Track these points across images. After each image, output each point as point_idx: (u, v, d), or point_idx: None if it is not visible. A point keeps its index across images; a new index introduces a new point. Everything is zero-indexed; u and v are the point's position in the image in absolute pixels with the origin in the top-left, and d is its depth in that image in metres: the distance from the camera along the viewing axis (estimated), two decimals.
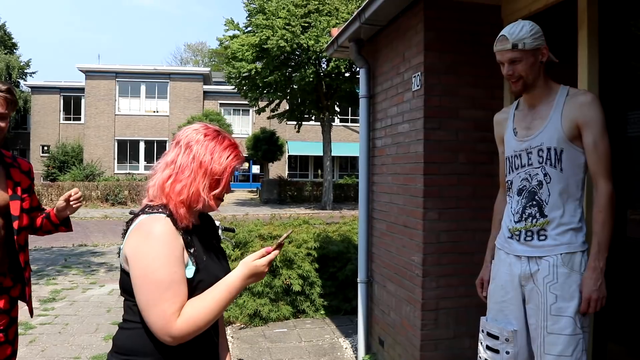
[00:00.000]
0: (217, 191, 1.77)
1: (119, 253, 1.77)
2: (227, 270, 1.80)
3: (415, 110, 3.98)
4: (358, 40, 5.00)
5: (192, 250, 1.72)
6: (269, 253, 1.71)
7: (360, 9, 4.40)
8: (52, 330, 5.96)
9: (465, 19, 3.87)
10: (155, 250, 1.62)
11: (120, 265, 1.73)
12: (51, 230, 3.03)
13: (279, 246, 1.75)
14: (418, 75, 3.90)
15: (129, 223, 1.74)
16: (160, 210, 1.70)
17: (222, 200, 1.84)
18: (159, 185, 1.74)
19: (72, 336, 5.76)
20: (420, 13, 3.86)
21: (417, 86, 3.92)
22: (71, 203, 2.95)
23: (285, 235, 1.78)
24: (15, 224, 2.69)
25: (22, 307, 2.91)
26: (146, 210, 1.72)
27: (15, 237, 2.70)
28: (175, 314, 1.59)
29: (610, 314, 2.44)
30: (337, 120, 34.63)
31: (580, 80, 3.02)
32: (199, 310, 1.62)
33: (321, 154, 26.61)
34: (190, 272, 1.69)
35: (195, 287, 1.69)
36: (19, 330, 2.87)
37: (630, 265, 2.72)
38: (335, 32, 5.42)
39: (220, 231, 4.83)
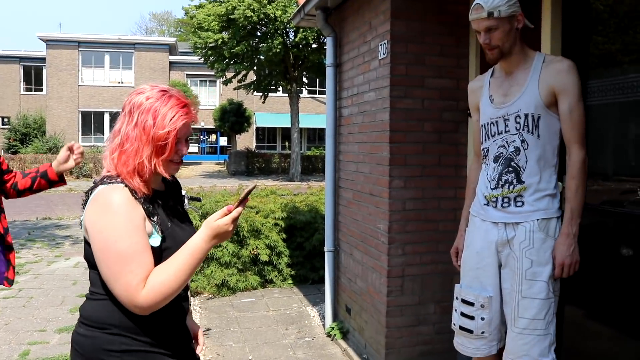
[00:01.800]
0: (164, 156, 1.69)
1: (80, 224, 1.72)
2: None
3: (381, 79, 3.98)
4: (325, 8, 4.95)
5: (155, 219, 1.68)
6: (230, 211, 1.63)
7: None
8: (15, 304, 5.86)
9: None
10: (114, 221, 1.58)
11: (84, 236, 1.69)
12: (45, 188, 2.96)
13: (242, 202, 1.65)
14: (385, 43, 3.89)
15: (88, 193, 1.70)
16: (118, 180, 1.66)
17: (179, 163, 1.78)
18: (108, 157, 1.70)
19: (37, 309, 5.69)
20: None
21: (384, 54, 3.91)
22: (74, 157, 2.86)
23: (246, 191, 1.67)
24: None
25: None
26: (104, 180, 1.67)
27: None
28: (140, 285, 1.56)
29: (568, 278, 2.51)
30: (305, 92, 34.44)
31: (543, 48, 3.05)
32: (165, 278, 1.59)
33: (289, 125, 26.51)
34: (155, 240, 1.66)
35: (162, 255, 1.67)
36: None
37: (587, 231, 2.78)
38: (301, 0, 5.35)
39: (186, 200, 4.79)
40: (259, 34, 22.56)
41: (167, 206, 1.80)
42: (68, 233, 10.70)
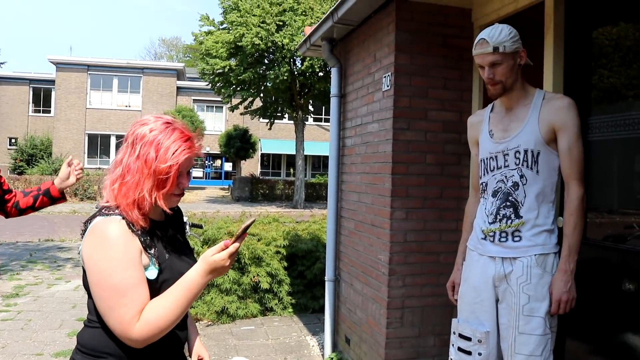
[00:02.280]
0: (165, 190, 1.68)
1: (79, 252, 1.72)
2: None
3: (384, 110, 4.01)
4: (331, 39, 5.02)
5: (152, 251, 1.68)
6: (227, 246, 1.62)
7: (333, 8, 4.42)
8: (14, 326, 5.85)
9: (437, 22, 3.91)
10: (109, 254, 1.58)
11: (82, 265, 1.69)
12: (47, 205, 3.03)
13: (239, 238, 1.64)
14: (388, 75, 3.93)
15: (86, 223, 1.70)
16: (117, 211, 1.66)
17: (180, 195, 1.77)
18: (109, 187, 1.70)
19: (35, 332, 5.67)
20: (392, 14, 3.89)
21: (387, 86, 3.95)
22: (74, 172, 2.95)
23: (244, 225, 1.63)
24: None
25: None
26: (102, 211, 1.67)
27: None
28: (134, 318, 1.56)
29: (570, 313, 2.50)
30: (310, 120, 34.65)
31: (545, 84, 3.08)
32: (159, 312, 1.58)
33: (294, 152, 26.59)
34: (152, 273, 1.66)
35: (160, 287, 1.66)
36: None
37: (588, 266, 2.78)
38: (308, 30, 5.43)
39: (187, 227, 4.81)
40: (266, 61, 22.79)
41: (166, 237, 1.79)
42: (70, 255, 10.69)
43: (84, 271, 1.67)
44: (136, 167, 1.66)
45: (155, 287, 1.65)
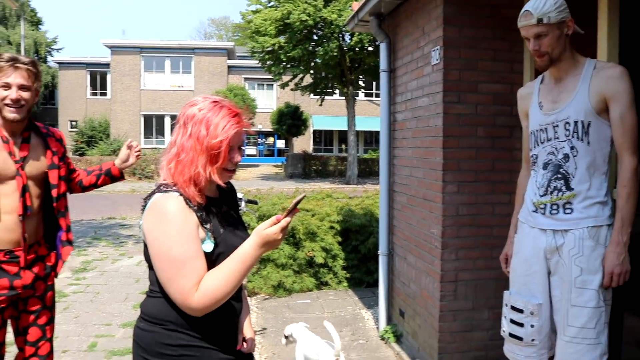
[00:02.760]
0: (218, 164, 1.77)
1: (140, 227, 1.84)
2: None
3: (434, 84, 4.00)
4: (378, 14, 5.01)
5: (207, 226, 1.77)
6: (279, 221, 1.69)
7: None
8: (84, 298, 6.20)
9: None
10: (168, 229, 1.69)
11: (143, 239, 1.80)
12: (107, 183, 3.25)
13: (290, 212, 1.71)
14: (437, 49, 3.92)
15: (146, 199, 1.80)
16: (174, 188, 1.75)
17: (233, 170, 1.85)
18: (165, 167, 1.80)
19: (103, 304, 6.00)
20: None
21: (437, 60, 3.93)
22: (134, 154, 3.16)
23: (295, 200, 1.72)
24: (54, 192, 2.82)
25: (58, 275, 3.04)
26: (161, 188, 1.77)
27: (54, 204, 2.83)
28: (193, 289, 1.66)
29: (626, 285, 2.47)
30: (361, 95, 34.48)
31: (599, 52, 3.01)
32: (216, 282, 1.67)
33: (346, 128, 26.57)
34: (208, 246, 1.75)
35: (215, 259, 1.76)
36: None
37: None
38: (356, 6, 5.42)
39: (243, 203, 4.95)
40: (315, 37, 22.76)
41: (220, 212, 1.88)
42: (131, 232, 11.11)
43: (145, 245, 1.79)
44: (189, 145, 1.76)
45: (211, 260, 1.75)
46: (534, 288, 2.67)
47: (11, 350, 2.98)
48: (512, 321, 2.75)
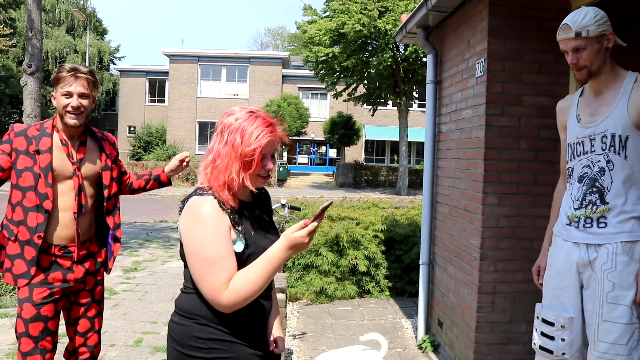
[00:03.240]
0: (251, 171, 1.86)
1: (177, 228, 1.97)
2: None
3: (478, 96, 4.02)
4: (426, 26, 5.06)
5: (239, 228, 1.88)
6: (307, 225, 1.78)
7: None
8: (133, 296, 6.43)
9: (531, 5, 3.86)
10: (202, 229, 1.80)
11: (179, 238, 1.92)
12: (156, 188, 3.45)
13: (318, 217, 1.79)
14: (482, 61, 3.94)
15: (183, 202, 1.92)
16: (210, 192, 1.87)
17: (266, 177, 1.94)
18: (202, 171, 1.92)
19: (151, 303, 6.22)
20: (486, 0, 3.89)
21: (481, 72, 3.96)
22: (184, 164, 3.35)
23: (322, 207, 1.78)
24: (106, 192, 3.01)
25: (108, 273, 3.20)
26: (197, 191, 1.89)
27: (105, 203, 3.02)
28: (224, 286, 1.77)
29: None
30: (414, 106, 34.29)
31: None
32: (245, 281, 1.77)
33: (398, 139, 26.50)
34: (239, 247, 1.85)
35: (246, 260, 1.86)
36: (104, 295, 3.20)
37: None
38: (404, 18, 5.48)
39: (286, 209, 5.07)
40: (369, 48, 22.86)
41: (252, 216, 1.98)
42: None
43: (181, 243, 1.90)
44: (225, 152, 1.87)
45: (242, 260, 1.85)
46: (566, 301, 2.66)
47: (63, 342, 3.16)
48: (543, 334, 2.75)
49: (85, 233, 2.97)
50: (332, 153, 40.29)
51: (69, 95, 2.81)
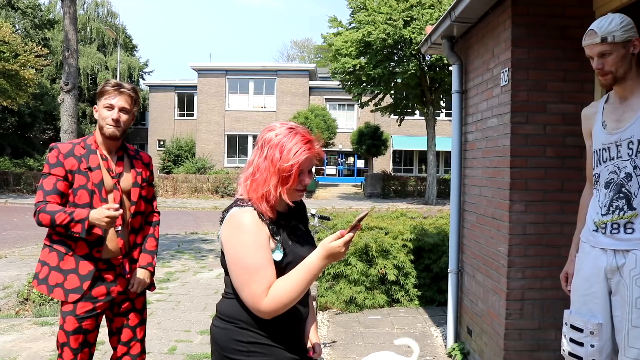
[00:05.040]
0: (288, 185, 1.94)
1: (218, 237, 2.08)
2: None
3: (503, 105, 4.07)
4: (450, 37, 5.12)
5: (278, 238, 1.97)
6: (343, 235, 1.86)
7: (450, 7, 4.53)
8: (166, 306, 6.57)
9: (554, 14, 3.90)
10: (243, 239, 1.89)
11: (220, 248, 2.02)
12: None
13: (354, 228, 1.88)
14: (506, 70, 3.99)
15: (224, 212, 2.02)
16: (248, 203, 1.96)
17: (302, 191, 2.03)
18: (242, 183, 2.01)
19: (184, 312, 6.34)
20: (508, 9, 3.93)
21: (505, 82, 4.00)
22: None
23: (358, 217, 1.88)
24: (132, 209, 3.08)
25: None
26: (237, 203, 1.99)
27: (129, 219, 3.08)
28: (263, 293, 1.86)
29: None
30: (442, 115, 34.17)
31: None
32: (284, 289, 1.87)
33: (426, 148, 26.43)
34: (278, 256, 1.94)
35: (284, 268, 1.95)
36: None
37: None
38: (429, 29, 5.55)
39: (316, 219, 5.15)
40: (395, 57, 22.92)
41: (289, 226, 2.07)
42: (212, 247, 11.58)
43: (222, 253, 2.00)
44: (264, 166, 1.96)
45: (281, 268, 1.94)
46: (594, 308, 2.66)
47: (101, 349, 3.28)
48: (572, 340, 2.75)
49: (126, 246, 3.06)
50: (360, 164, 40.34)
51: (110, 107, 2.93)
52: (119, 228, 2.98)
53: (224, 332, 2.00)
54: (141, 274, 3.11)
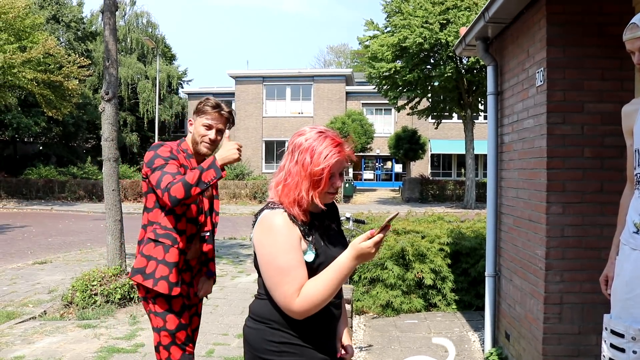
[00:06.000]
0: (319, 189, 1.95)
1: (250, 240, 2.10)
2: None
3: (539, 106, 4.00)
4: (485, 38, 5.07)
5: (310, 239, 1.98)
6: (373, 236, 1.85)
7: (484, 8, 4.49)
8: (204, 310, 6.54)
9: (590, 11, 3.82)
10: (275, 240, 1.90)
11: (254, 250, 2.03)
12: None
13: (384, 229, 1.87)
14: (541, 70, 3.93)
15: (256, 215, 2.04)
16: (280, 205, 1.97)
17: (334, 193, 2.03)
18: (274, 188, 2.03)
19: (222, 316, 6.42)
20: (543, 8, 3.88)
21: (541, 82, 3.94)
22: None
23: (388, 218, 1.88)
24: (217, 219, 3.23)
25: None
26: (269, 205, 2.01)
27: (215, 229, 3.23)
28: (295, 294, 1.87)
29: None
30: (481, 118, 33.76)
31: None
32: (315, 289, 1.87)
33: (464, 152, 26.13)
34: (310, 257, 1.95)
35: (316, 268, 1.95)
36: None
37: None
38: (463, 30, 5.51)
39: (351, 223, 5.16)
40: (432, 60, 22.77)
41: (322, 226, 2.08)
42: (250, 252, 11.64)
43: (255, 254, 2.02)
44: (295, 171, 1.97)
45: (313, 268, 1.95)
46: (635, 312, 2.56)
47: (141, 351, 3.34)
48: (613, 346, 2.65)
49: (209, 252, 3.22)
50: (398, 168, 40.12)
51: (209, 127, 3.04)
52: (207, 233, 3.11)
53: (256, 332, 2.01)
54: (207, 281, 3.26)
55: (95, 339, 5.44)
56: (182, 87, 46.97)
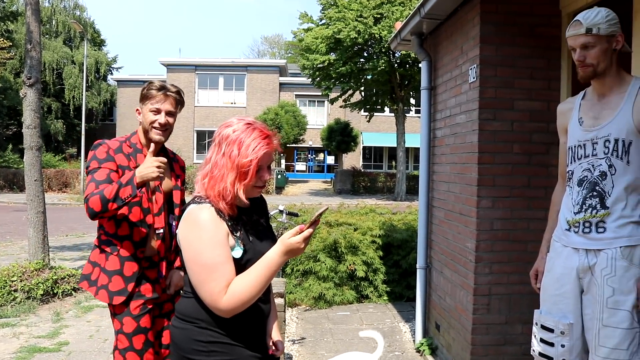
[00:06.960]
0: (246, 181, 1.90)
1: (176, 234, 2.03)
2: None
3: (471, 102, 4.09)
4: (420, 33, 5.14)
5: (237, 234, 1.93)
6: (302, 231, 1.83)
7: (419, 3, 4.54)
8: None
9: (522, 12, 3.93)
10: (200, 236, 1.85)
11: (179, 245, 1.96)
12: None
13: (313, 223, 1.84)
14: (474, 67, 4.01)
15: (182, 210, 1.97)
16: (206, 200, 1.92)
17: (262, 187, 1.99)
18: (200, 181, 1.96)
19: None
20: (477, 6, 3.96)
21: (473, 78, 4.02)
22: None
23: (317, 213, 1.86)
24: (177, 211, 3.01)
25: None
26: (195, 200, 1.94)
27: (175, 222, 3.00)
28: (222, 291, 1.82)
29: None
30: (412, 112, 34.38)
31: (634, 71, 3.05)
32: (243, 286, 1.82)
33: (395, 145, 26.57)
34: (237, 253, 1.90)
35: (244, 265, 1.90)
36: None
37: None
38: (398, 25, 5.56)
39: (284, 215, 5.12)
40: (365, 54, 22.99)
41: (250, 221, 2.04)
42: None
43: (180, 250, 1.95)
44: (222, 163, 1.92)
45: (241, 265, 1.90)
46: (565, 308, 2.63)
47: None
48: (543, 340, 2.72)
49: (165, 249, 3.00)
50: (330, 160, 40.36)
51: (157, 111, 2.91)
52: (161, 231, 2.93)
53: (183, 332, 1.95)
54: (177, 275, 3.05)
55: (14, 339, 5.19)
56: (112, 74, 45.44)
